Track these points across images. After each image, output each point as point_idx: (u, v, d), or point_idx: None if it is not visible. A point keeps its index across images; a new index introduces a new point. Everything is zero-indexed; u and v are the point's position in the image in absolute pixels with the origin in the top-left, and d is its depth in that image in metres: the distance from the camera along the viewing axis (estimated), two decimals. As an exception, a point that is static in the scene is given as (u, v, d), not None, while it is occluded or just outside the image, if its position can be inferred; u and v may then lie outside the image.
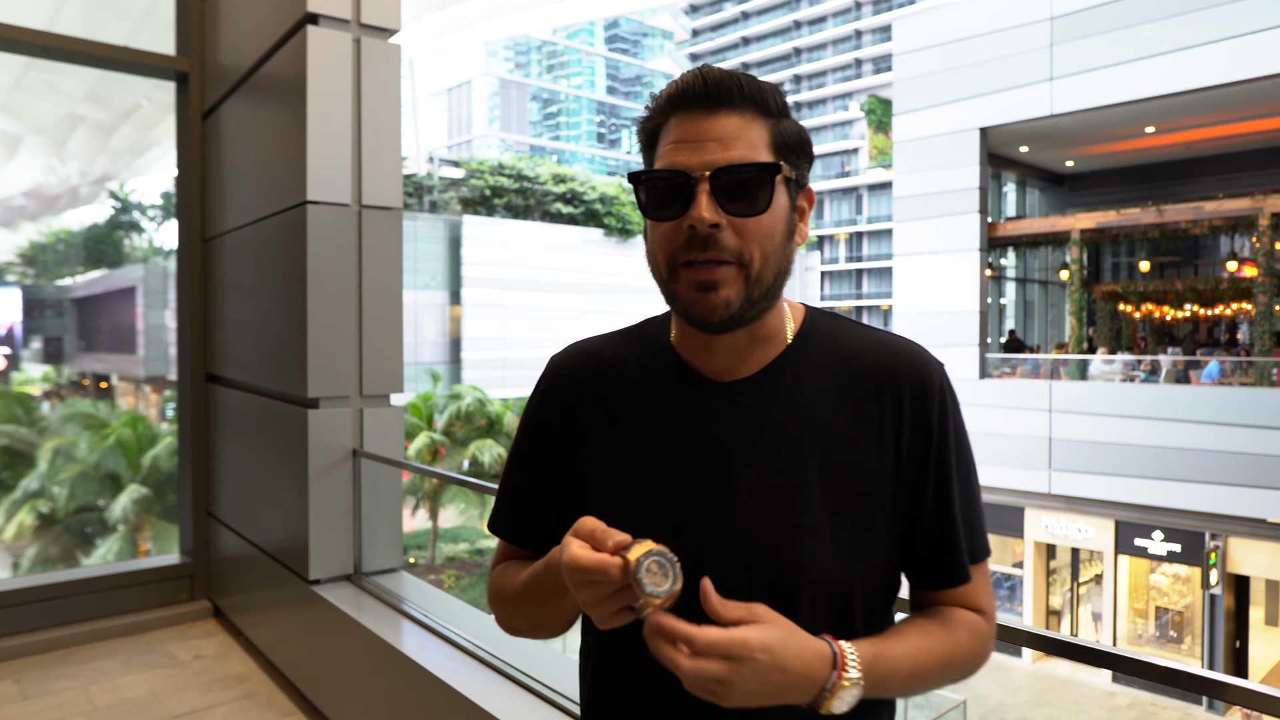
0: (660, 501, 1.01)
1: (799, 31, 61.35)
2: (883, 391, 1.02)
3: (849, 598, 0.99)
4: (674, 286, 0.98)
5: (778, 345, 1.05)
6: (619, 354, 1.11)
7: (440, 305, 27.14)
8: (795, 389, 1.03)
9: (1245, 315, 17.56)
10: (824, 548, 0.97)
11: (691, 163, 0.95)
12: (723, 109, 0.96)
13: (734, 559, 0.97)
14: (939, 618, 1.03)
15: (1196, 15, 13.33)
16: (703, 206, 0.93)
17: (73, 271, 19.61)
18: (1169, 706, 13.41)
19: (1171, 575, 14.62)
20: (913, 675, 0.96)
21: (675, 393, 1.05)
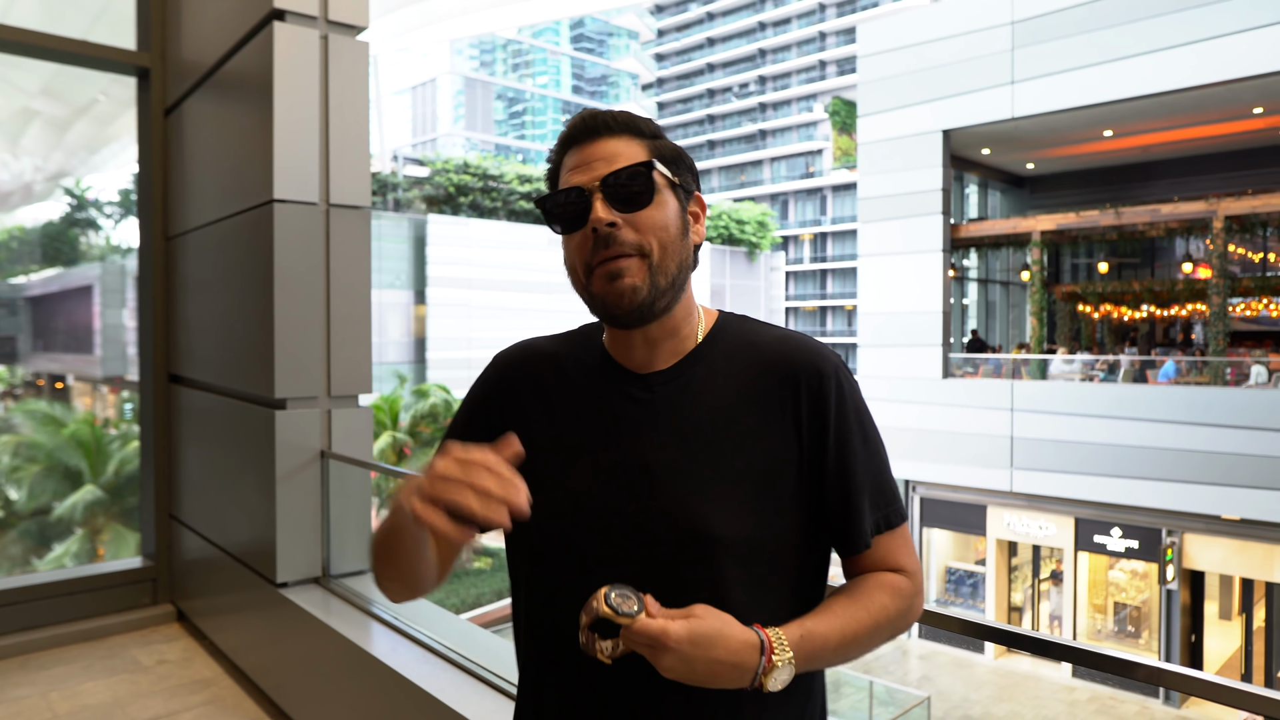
0: (587, 481, 1.12)
1: (764, 33, 61.61)
2: (784, 382, 1.14)
3: (760, 559, 1.09)
4: (592, 288, 1.11)
5: (690, 341, 1.18)
6: (558, 351, 1.24)
7: (405, 305, 26.91)
8: (706, 379, 1.15)
9: (1200, 316, 17.93)
10: (733, 515, 1.08)
11: (583, 180, 1.10)
12: (602, 136, 1.13)
13: (655, 528, 1.08)
14: (862, 584, 1.15)
15: (1155, 21, 13.59)
16: (598, 210, 1.08)
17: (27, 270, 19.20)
18: (1127, 700, 13.66)
19: (1129, 571, 14.89)
20: (842, 644, 1.07)
21: (602, 385, 1.18)
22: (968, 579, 17.04)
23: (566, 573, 1.11)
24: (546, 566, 1.14)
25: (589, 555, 1.10)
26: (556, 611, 1.11)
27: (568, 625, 1.05)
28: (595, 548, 1.10)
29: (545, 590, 1.15)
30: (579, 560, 1.10)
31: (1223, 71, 12.95)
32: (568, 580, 1.10)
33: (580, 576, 1.08)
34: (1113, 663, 1.37)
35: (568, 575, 1.11)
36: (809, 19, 59.33)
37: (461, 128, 65.96)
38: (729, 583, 1.07)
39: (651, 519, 1.08)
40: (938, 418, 15.92)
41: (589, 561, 1.09)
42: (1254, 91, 13.56)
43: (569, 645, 1.05)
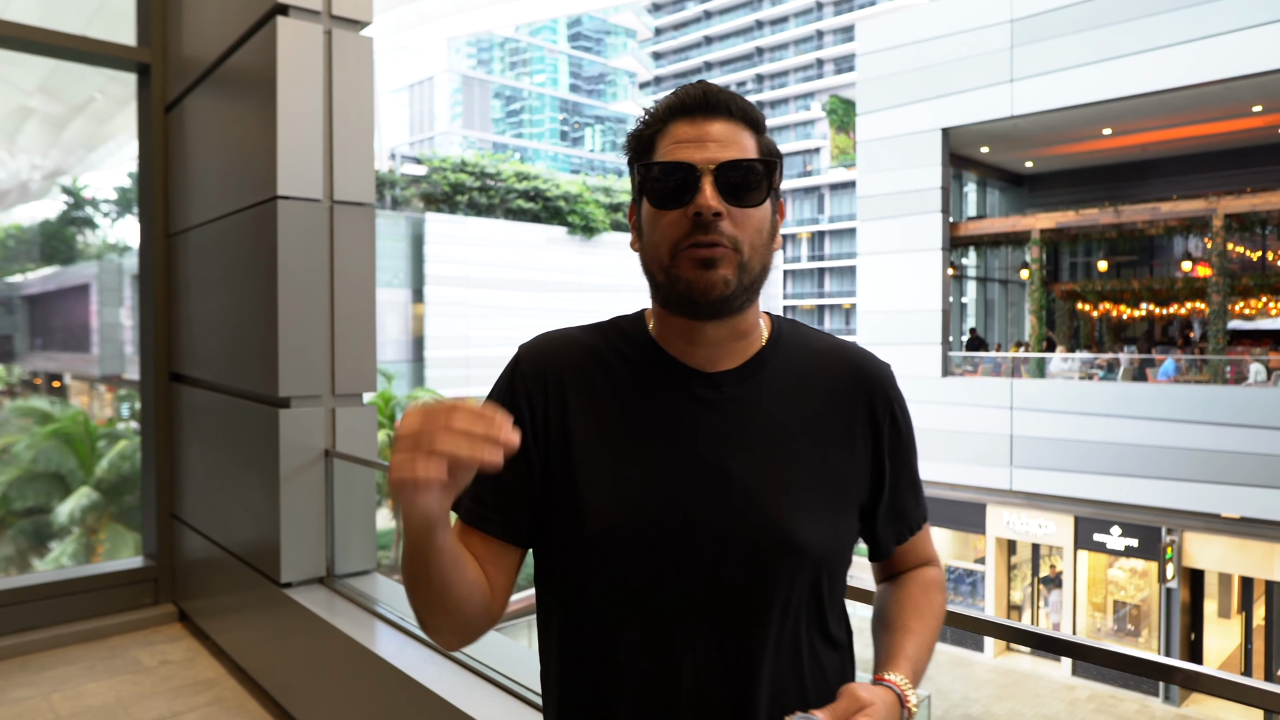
0: (658, 486, 1.05)
1: (761, 31, 61.61)
2: (854, 391, 1.14)
3: (833, 567, 1.10)
4: (675, 269, 1.04)
5: (754, 342, 1.13)
6: (595, 343, 1.15)
7: (403, 303, 26.87)
8: (775, 383, 1.11)
9: (1199, 314, 17.93)
10: (815, 522, 1.06)
11: (695, 158, 1.04)
12: (720, 115, 1.07)
13: (738, 535, 1.03)
14: (919, 590, 1.19)
15: (1153, 20, 13.58)
16: (708, 195, 1.02)
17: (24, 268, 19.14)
18: (1127, 698, 13.66)
19: (1129, 569, 14.89)
20: (929, 653, 1.13)
21: (660, 381, 1.10)
22: (967, 577, 17.03)
23: (638, 584, 1.04)
24: (613, 576, 1.05)
25: (664, 564, 1.03)
26: (628, 628, 1.04)
27: (639, 647, 1.03)
28: (675, 557, 1.03)
29: (612, 607, 1.06)
30: (657, 570, 1.03)
31: (1221, 70, 12.94)
32: (640, 595, 1.04)
33: (654, 588, 1.03)
34: (1116, 658, 1.39)
35: (640, 588, 1.04)
36: (806, 17, 59.34)
37: (459, 126, 65.86)
38: (811, 592, 1.07)
39: (733, 525, 1.04)
40: (937, 416, 15.90)
41: (664, 571, 1.03)
42: (1252, 90, 13.56)
43: (644, 660, 1.03)
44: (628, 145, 1.13)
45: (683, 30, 67.11)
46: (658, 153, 1.07)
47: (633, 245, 1.14)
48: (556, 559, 1.11)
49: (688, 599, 1.03)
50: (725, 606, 1.03)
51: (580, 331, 1.18)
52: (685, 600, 1.03)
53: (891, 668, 1.05)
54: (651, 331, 1.15)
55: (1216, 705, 13.00)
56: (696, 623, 1.03)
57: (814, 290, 54.65)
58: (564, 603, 1.11)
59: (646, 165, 1.06)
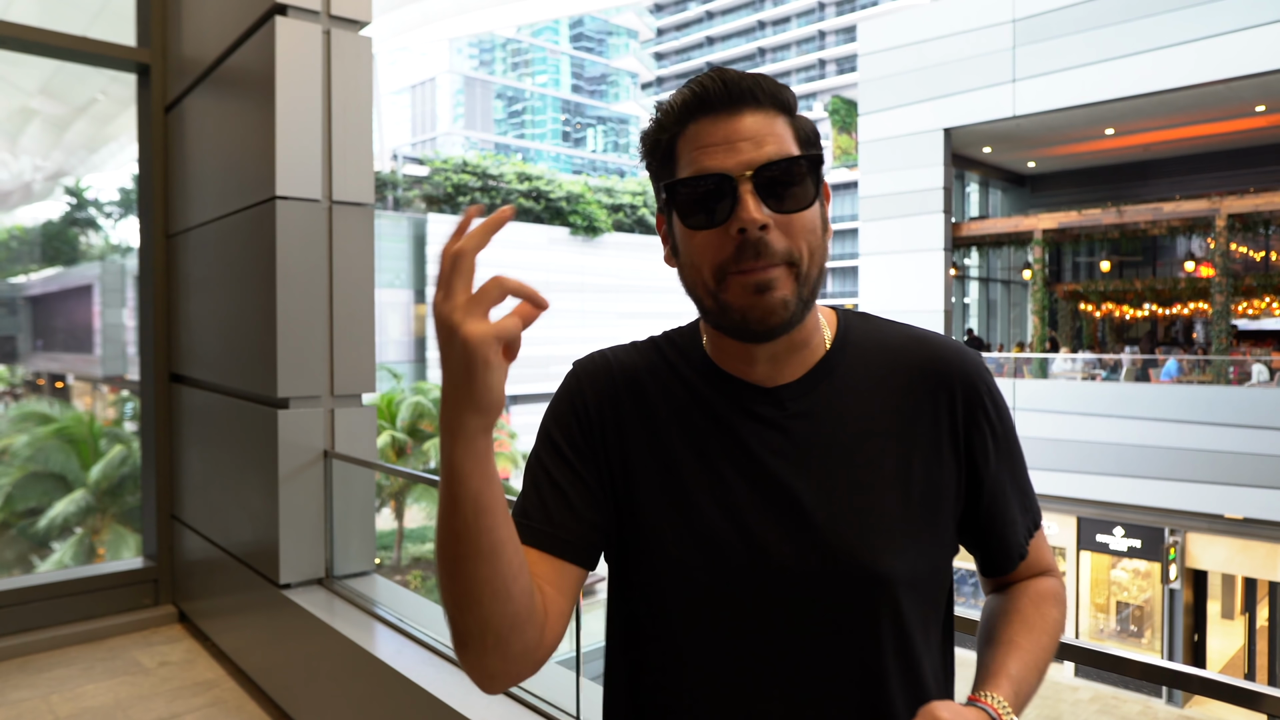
0: (723, 515, 0.96)
1: (763, 31, 61.61)
2: (936, 390, 1.01)
3: (926, 593, 0.99)
4: (724, 296, 0.93)
5: (817, 349, 1.01)
6: (650, 361, 1.05)
7: (405, 304, 26.89)
8: (844, 391, 1.00)
9: (1202, 315, 17.89)
10: (898, 549, 0.95)
11: (728, 164, 0.91)
12: (747, 108, 0.93)
13: (815, 568, 0.94)
14: (1031, 603, 1.05)
15: (1156, 20, 13.56)
16: (750, 208, 0.89)
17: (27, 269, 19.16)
18: (1130, 700, 13.63)
19: (1132, 570, 14.85)
20: (1039, 675, 0.99)
21: (718, 400, 1.00)
22: (969, 579, 17.00)
23: (716, 627, 0.95)
24: (685, 615, 0.97)
25: (739, 602, 0.94)
26: (703, 675, 0.96)
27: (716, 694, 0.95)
28: (747, 595, 0.94)
29: (677, 644, 0.97)
30: (730, 611, 0.95)
31: (1223, 70, 12.92)
32: (719, 637, 0.95)
33: (732, 630, 0.95)
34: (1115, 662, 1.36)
35: (718, 630, 0.95)
36: (808, 18, 59.35)
37: (461, 127, 65.88)
38: (902, 624, 0.95)
39: (810, 557, 0.93)
40: (939, 417, 15.86)
41: (741, 609, 0.94)
42: (1255, 89, 13.53)
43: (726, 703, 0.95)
44: (643, 151, 1.00)
45: (685, 31, 67.12)
46: (681, 162, 0.94)
47: (668, 260, 1.02)
48: (628, 581, 1.03)
49: (764, 641, 0.94)
50: (806, 648, 0.94)
51: (633, 350, 1.08)
52: (762, 642, 0.94)
53: (989, 686, 0.93)
54: (706, 347, 1.04)
55: (1219, 706, 12.96)
56: (776, 665, 0.94)
57: (816, 291, 54.66)
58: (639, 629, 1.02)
59: (671, 184, 0.93)
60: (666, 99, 0.97)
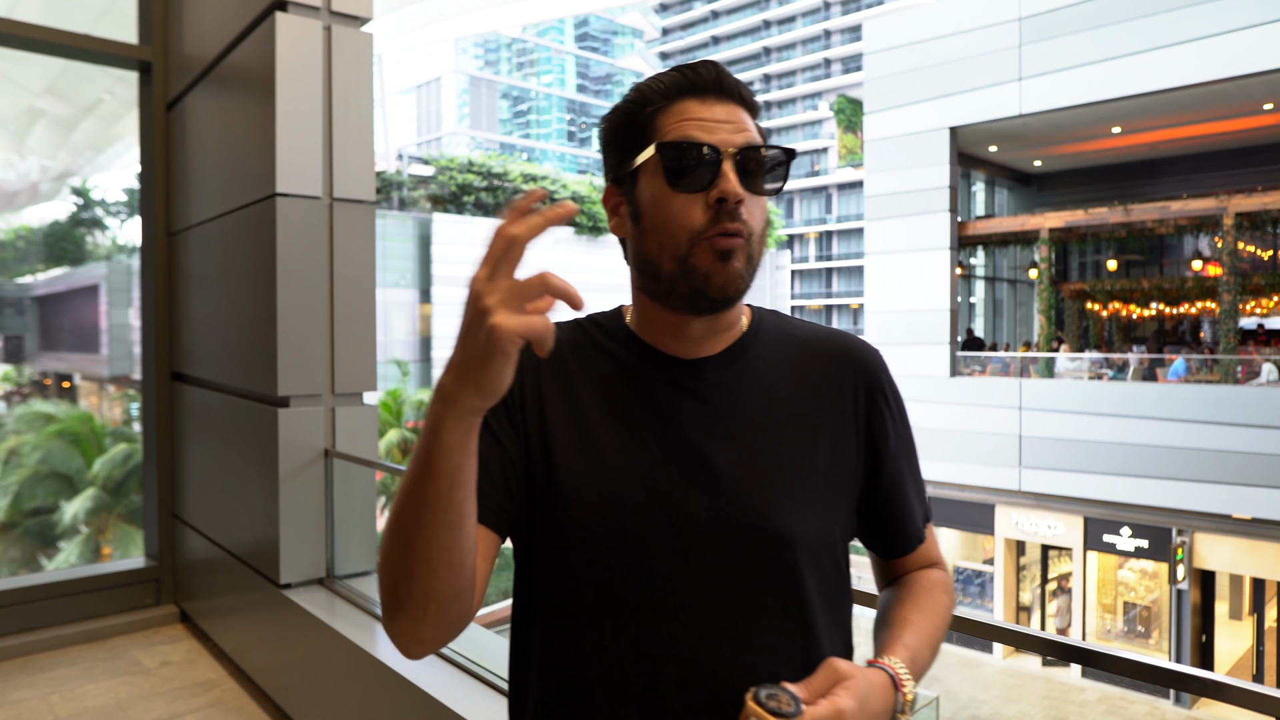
0: (642, 475, 1.01)
1: (768, 31, 61.51)
2: (842, 378, 1.09)
3: (825, 558, 1.05)
4: (692, 259, 0.98)
5: (736, 333, 1.09)
6: (573, 336, 1.10)
7: (410, 304, 26.90)
8: (759, 367, 1.07)
9: (1209, 314, 17.81)
10: (803, 512, 1.02)
11: (715, 140, 0.99)
12: (731, 99, 1.03)
13: (725, 528, 0.99)
14: (923, 589, 1.13)
15: (1163, 17, 13.49)
16: (732, 180, 0.97)
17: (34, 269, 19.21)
18: (1137, 700, 13.57)
19: (1139, 571, 14.79)
20: (932, 651, 1.06)
21: (640, 371, 1.06)
22: (976, 578, 16.94)
23: (625, 578, 0.99)
24: (596, 569, 1.00)
25: (653, 560, 0.99)
26: (612, 623, 0.99)
27: (622, 642, 0.98)
28: (659, 552, 0.98)
29: (596, 602, 1.00)
30: (641, 566, 0.99)
31: (1231, 67, 12.85)
32: (627, 587, 0.99)
33: (639, 582, 0.99)
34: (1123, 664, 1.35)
35: (626, 581, 0.99)
36: (813, 17, 59.24)
37: (466, 127, 65.93)
38: (801, 583, 1.02)
39: (719, 517, 1.00)
40: (945, 416, 15.82)
41: (653, 566, 0.98)
42: (1263, 88, 13.46)
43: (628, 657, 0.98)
44: (613, 121, 1.06)
45: (690, 30, 67.06)
46: (661, 131, 1.01)
47: (616, 230, 1.08)
48: (537, 552, 1.05)
49: (672, 594, 0.98)
50: (710, 601, 0.99)
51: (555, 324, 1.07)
52: (670, 595, 0.98)
53: (886, 654, 0.99)
54: (630, 324, 1.10)
55: (1226, 707, 12.89)
56: (682, 617, 0.98)
57: (822, 290, 54.54)
58: (545, 598, 1.05)
59: (664, 144, 0.99)
60: (649, 79, 1.05)
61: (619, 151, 1.06)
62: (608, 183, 1.09)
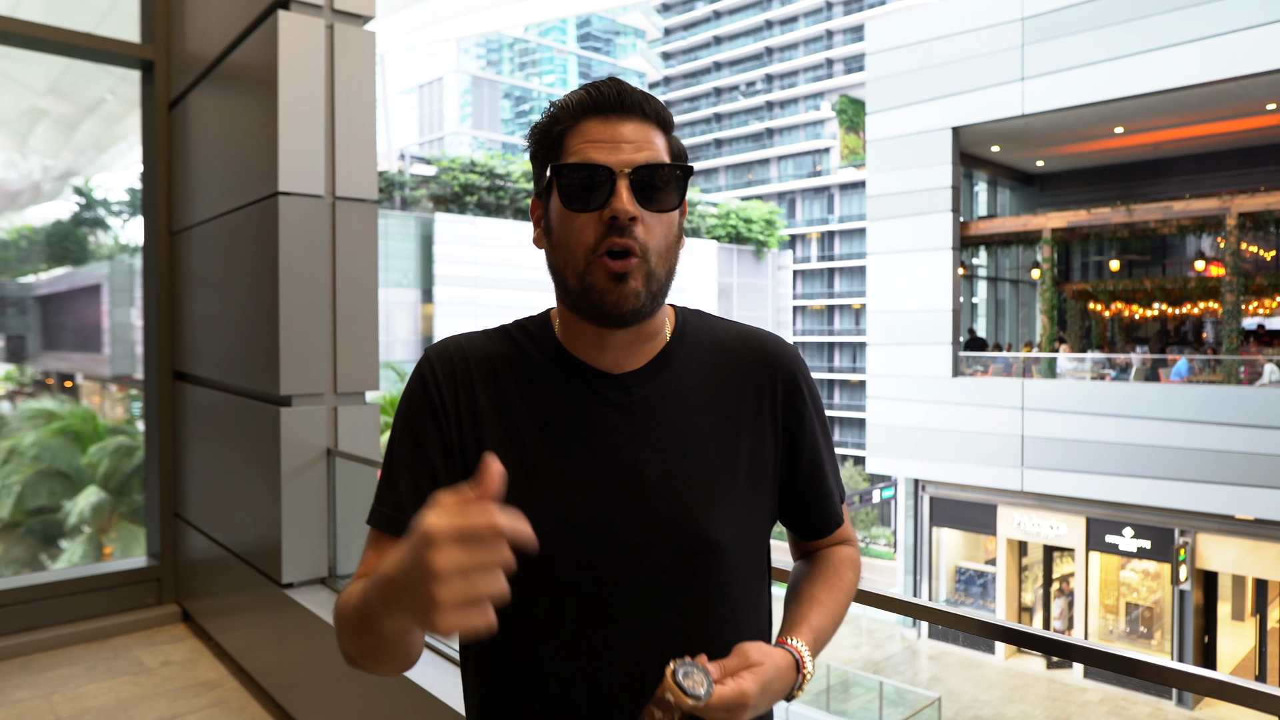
0: (578, 495, 1.04)
1: (770, 31, 61.45)
2: (759, 377, 1.14)
3: (751, 556, 1.12)
4: (589, 278, 1.02)
5: (660, 341, 1.12)
6: (503, 348, 1.13)
7: (412, 303, 26.90)
8: (682, 377, 1.11)
9: (1212, 314, 17.78)
10: (726, 518, 1.07)
11: (610, 160, 1.02)
12: (633, 116, 1.05)
13: (655, 537, 1.04)
14: (830, 566, 1.20)
15: (1166, 17, 13.47)
16: (624, 199, 1.00)
17: (36, 268, 19.22)
18: (1140, 701, 13.55)
19: (1141, 571, 14.78)
20: (834, 627, 1.14)
21: (569, 385, 1.09)
22: (978, 579, 16.93)
23: (566, 595, 1.03)
24: (535, 586, 1.01)
25: (588, 573, 1.03)
26: (552, 637, 1.04)
27: (566, 656, 1.03)
28: (593, 565, 1.03)
29: (535, 616, 1.03)
30: (578, 580, 1.03)
31: (1233, 68, 12.83)
32: (568, 604, 1.03)
33: (580, 597, 1.03)
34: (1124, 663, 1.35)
35: (567, 597, 1.03)
36: (816, 17, 59.18)
37: (468, 126, 65.95)
38: (730, 584, 1.08)
39: (649, 528, 1.04)
40: (947, 416, 15.81)
41: (588, 580, 1.03)
42: (1265, 88, 13.44)
43: (570, 669, 1.03)
44: (533, 138, 1.10)
45: (692, 30, 67.01)
46: (568, 151, 1.05)
47: (537, 242, 1.12)
48: None
49: (609, 606, 1.03)
50: (647, 610, 1.04)
51: (486, 335, 1.16)
52: (607, 607, 1.03)
53: (793, 633, 1.07)
54: (558, 334, 1.13)
55: (1229, 708, 12.88)
56: (621, 627, 1.03)
57: (824, 290, 54.48)
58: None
59: (559, 166, 1.03)
60: (563, 97, 1.09)
61: (538, 166, 1.10)
62: (534, 196, 1.13)
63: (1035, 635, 1.52)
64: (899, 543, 17.87)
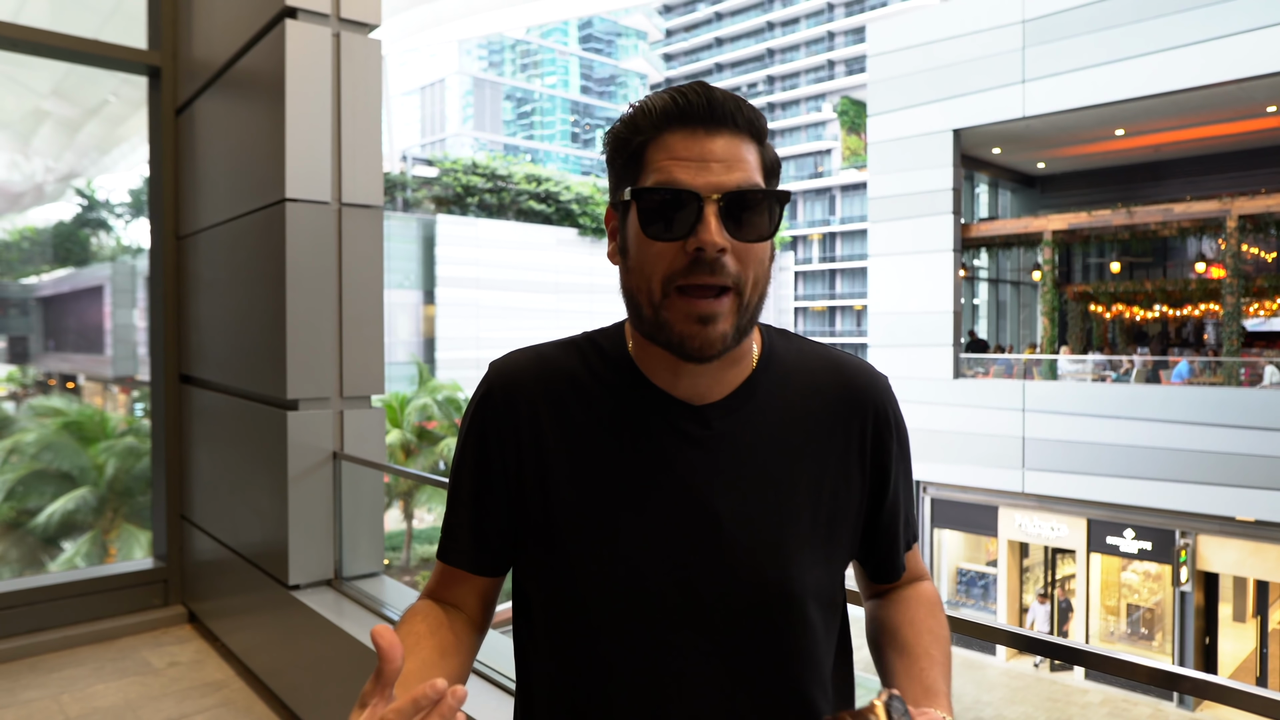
0: (649, 538, 0.97)
1: (772, 33, 61.50)
2: (850, 413, 1.05)
3: (831, 603, 1.04)
4: (665, 313, 0.93)
5: (745, 368, 1.03)
6: (571, 365, 1.05)
7: (414, 305, 26.96)
8: (767, 412, 1.02)
9: (1213, 316, 17.80)
10: (809, 569, 0.99)
11: (697, 183, 0.91)
12: (725, 129, 0.93)
13: (732, 588, 0.97)
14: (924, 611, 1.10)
15: (1166, 20, 13.50)
16: (713, 230, 0.90)
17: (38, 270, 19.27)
18: (1140, 703, 13.56)
19: (1142, 573, 14.79)
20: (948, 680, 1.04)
21: (643, 414, 1.01)
22: (979, 580, 16.95)
23: (630, 644, 0.97)
24: (603, 637, 0.98)
25: (661, 620, 0.96)
26: (616, 686, 0.98)
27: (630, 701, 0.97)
28: (667, 613, 0.96)
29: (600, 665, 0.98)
30: (645, 629, 0.97)
31: (1234, 70, 12.86)
32: (633, 654, 0.97)
33: (651, 642, 0.97)
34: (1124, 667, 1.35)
35: (632, 647, 0.97)
36: (817, 19, 59.23)
37: (470, 128, 66.02)
38: (806, 633, 1.00)
39: (726, 578, 0.97)
40: (948, 418, 15.84)
41: (663, 626, 0.96)
42: (1266, 90, 13.47)
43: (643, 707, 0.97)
44: (610, 145, 0.99)
45: (694, 32, 67.06)
46: (649, 167, 0.94)
47: (611, 257, 1.02)
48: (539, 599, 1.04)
49: (685, 656, 0.97)
50: (724, 662, 0.97)
51: (555, 349, 1.07)
52: (683, 658, 0.97)
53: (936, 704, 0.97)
54: (631, 353, 1.04)
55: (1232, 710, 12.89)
56: (696, 679, 0.97)
57: (825, 292, 54.51)
58: (549, 649, 1.03)
59: (639, 190, 0.93)
60: (644, 100, 0.97)
61: (615, 176, 1.00)
62: (610, 203, 1.04)
63: (1035, 639, 1.52)
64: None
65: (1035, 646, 1.52)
